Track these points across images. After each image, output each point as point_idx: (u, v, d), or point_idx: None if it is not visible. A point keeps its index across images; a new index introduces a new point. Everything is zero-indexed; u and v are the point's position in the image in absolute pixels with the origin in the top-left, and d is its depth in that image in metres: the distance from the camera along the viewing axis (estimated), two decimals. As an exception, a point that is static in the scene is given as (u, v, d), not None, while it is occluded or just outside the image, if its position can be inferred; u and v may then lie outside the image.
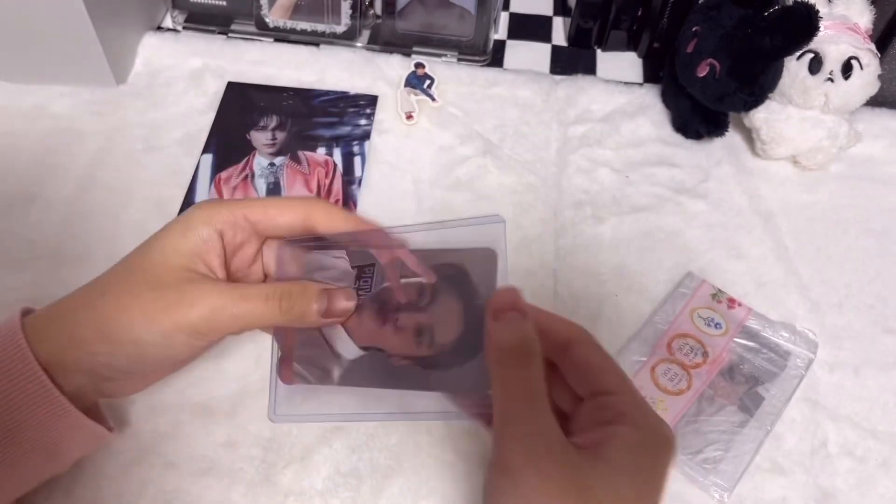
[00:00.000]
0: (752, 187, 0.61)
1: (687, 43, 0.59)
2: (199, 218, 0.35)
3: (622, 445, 0.28)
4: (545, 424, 0.28)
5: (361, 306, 0.34)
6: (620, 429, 0.28)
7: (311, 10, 0.67)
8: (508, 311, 0.31)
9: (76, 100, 0.63)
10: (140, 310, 0.33)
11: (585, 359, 0.31)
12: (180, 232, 0.35)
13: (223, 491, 0.44)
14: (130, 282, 0.34)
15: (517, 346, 0.30)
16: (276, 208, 0.36)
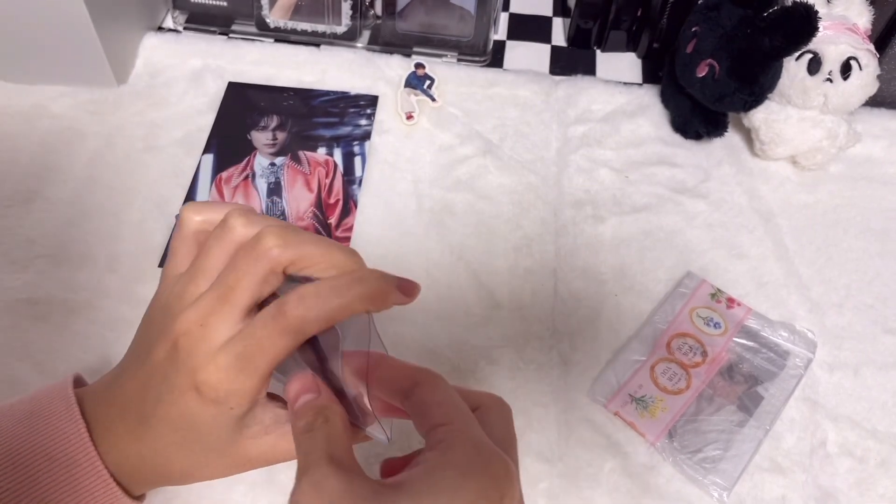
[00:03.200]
0: (752, 187, 0.61)
1: (686, 43, 0.59)
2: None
3: (423, 470, 0.26)
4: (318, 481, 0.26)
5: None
6: (427, 454, 0.27)
7: (311, 11, 0.68)
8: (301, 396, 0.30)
9: (76, 100, 0.63)
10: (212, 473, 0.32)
11: (424, 399, 0.30)
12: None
13: (223, 491, 0.44)
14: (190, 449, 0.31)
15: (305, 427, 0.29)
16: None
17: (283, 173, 0.59)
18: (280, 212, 0.57)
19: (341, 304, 0.29)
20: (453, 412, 0.29)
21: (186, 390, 0.29)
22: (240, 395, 0.29)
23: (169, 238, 0.55)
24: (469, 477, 0.25)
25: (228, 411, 0.30)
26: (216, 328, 0.29)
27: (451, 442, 0.27)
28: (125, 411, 0.32)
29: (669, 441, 0.47)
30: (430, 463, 0.26)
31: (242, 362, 0.29)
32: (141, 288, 0.53)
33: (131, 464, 0.32)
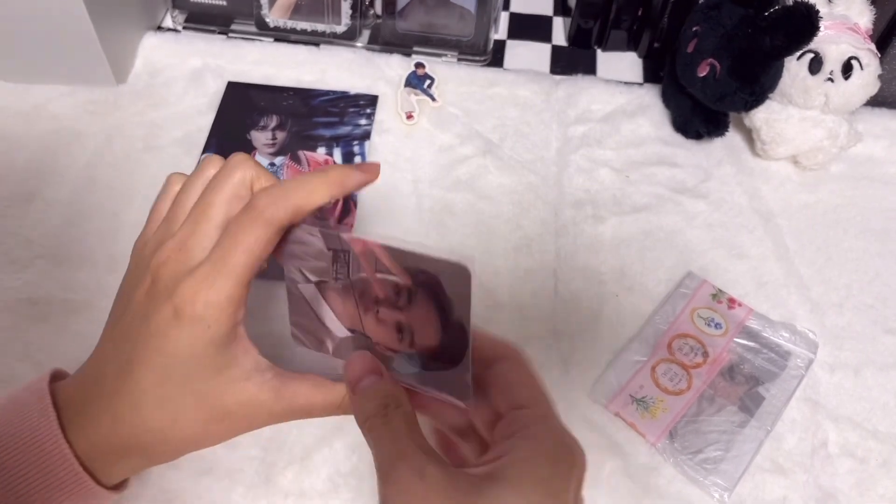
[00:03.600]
0: (753, 187, 0.61)
1: (687, 43, 0.59)
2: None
3: (517, 459, 0.27)
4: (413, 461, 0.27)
5: (344, 290, 0.33)
6: (518, 442, 0.27)
7: (311, 10, 0.67)
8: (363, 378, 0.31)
9: (76, 100, 0.63)
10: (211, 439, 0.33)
11: (506, 375, 0.31)
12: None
13: (223, 491, 0.44)
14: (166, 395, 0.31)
15: (376, 411, 0.30)
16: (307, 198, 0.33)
17: (283, 173, 0.59)
18: (280, 212, 0.57)
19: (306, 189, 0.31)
20: (538, 395, 0.29)
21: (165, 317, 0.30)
22: (216, 306, 0.29)
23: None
24: (559, 465, 0.27)
25: (206, 331, 0.30)
26: (193, 247, 0.30)
27: (537, 430, 0.28)
28: (100, 381, 0.32)
29: (670, 442, 0.47)
30: (521, 452, 0.27)
31: (218, 265, 0.29)
32: (140, 288, 0.52)
33: (106, 444, 0.31)
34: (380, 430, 0.29)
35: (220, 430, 0.33)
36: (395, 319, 0.33)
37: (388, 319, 0.33)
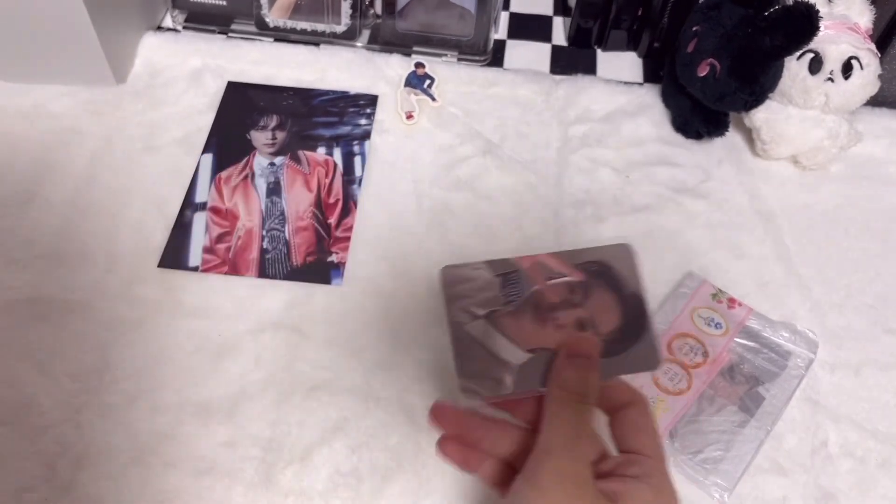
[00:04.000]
0: (753, 187, 0.61)
1: (687, 42, 0.59)
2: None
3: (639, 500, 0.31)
4: (581, 466, 0.31)
5: (517, 312, 0.35)
6: (641, 485, 0.31)
7: (311, 10, 0.67)
8: (582, 356, 0.33)
9: (76, 99, 0.63)
10: None
11: (634, 420, 0.34)
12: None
13: (223, 491, 0.44)
14: None
15: (578, 389, 0.33)
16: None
17: (283, 173, 0.59)
18: (279, 211, 0.57)
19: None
20: (653, 445, 0.33)
21: None
22: None
23: (168, 237, 0.55)
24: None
25: None
26: None
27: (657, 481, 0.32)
28: None
29: (670, 442, 0.47)
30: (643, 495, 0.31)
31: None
32: (140, 288, 0.52)
33: None
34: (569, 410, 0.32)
35: None
36: (575, 317, 0.35)
37: (569, 320, 0.35)
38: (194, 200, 0.57)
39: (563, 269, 0.35)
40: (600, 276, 0.35)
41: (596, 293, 0.35)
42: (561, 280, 0.35)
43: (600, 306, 0.35)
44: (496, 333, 0.35)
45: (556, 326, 0.35)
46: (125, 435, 0.46)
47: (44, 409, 0.47)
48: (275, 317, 0.52)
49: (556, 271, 0.35)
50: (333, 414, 0.47)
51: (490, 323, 0.35)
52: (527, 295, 0.35)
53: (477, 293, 0.35)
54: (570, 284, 0.35)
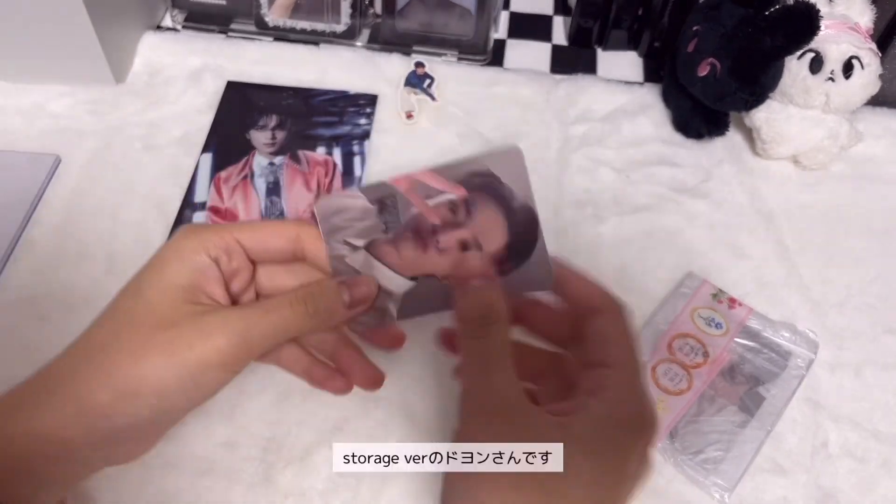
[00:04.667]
0: (753, 187, 0.61)
1: (687, 42, 0.59)
2: (191, 247, 0.32)
3: (587, 417, 0.28)
4: (500, 387, 0.28)
5: (396, 239, 0.33)
6: (591, 401, 0.28)
7: (310, 10, 0.67)
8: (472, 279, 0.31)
9: (75, 99, 0.63)
10: (160, 355, 0.30)
11: (603, 329, 0.31)
12: (175, 265, 0.32)
13: (223, 491, 0.44)
14: (135, 327, 0.30)
15: (478, 315, 0.30)
16: (265, 231, 0.34)
17: (282, 173, 0.59)
18: (279, 211, 0.57)
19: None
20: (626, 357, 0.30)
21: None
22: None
23: (167, 237, 0.55)
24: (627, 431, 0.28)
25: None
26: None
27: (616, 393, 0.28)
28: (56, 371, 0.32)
29: (670, 442, 0.47)
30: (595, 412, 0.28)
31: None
32: (140, 288, 0.52)
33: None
34: (476, 343, 0.30)
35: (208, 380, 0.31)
36: (458, 239, 0.33)
37: (451, 243, 0.33)
38: (194, 200, 0.57)
39: (443, 187, 0.32)
40: (484, 188, 0.32)
41: (480, 209, 0.32)
42: (441, 199, 0.32)
43: (485, 223, 0.32)
44: (376, 263, 0.33)
45: (438, 250, 0.33)
46: (125, 435, 0.46)
47: (43, 410, 0.47)
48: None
49: (435, 189, 0.32)
50: (333, 414, 0.47)
51: (370, 252, 0.33)
52: (406, 220, 0.33)
53: (354, 223, 0.33)
54: (450, 203, 0.32)
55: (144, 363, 0.30)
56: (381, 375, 0.37)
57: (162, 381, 0.30)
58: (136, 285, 0.32)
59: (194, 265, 0.32)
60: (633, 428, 0.28)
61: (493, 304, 0.31)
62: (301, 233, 0.34)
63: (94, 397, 0.30)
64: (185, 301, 0.31)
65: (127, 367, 0.30)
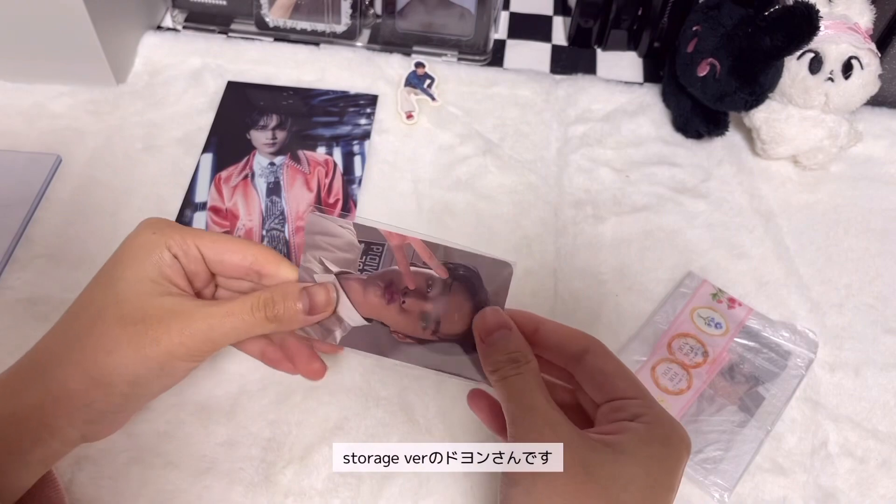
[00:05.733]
0: (753, 187, 0.61)
1: (687, 42, 0.59)
2: (155, 241, 0.34)
3: (635, 438, 0.30)
4: (547, 414, 0.30)
5: (368, 282, 0.35)
6: (634, 425, 0.30)
7: (311, 10, 0.67)
8: (494, 332, 0.33)
9: (76, 99, 0.63)
10: (130, 348, 0.32)
11: (600, 367, 0.33)
12: (142, 259, 0.34)
13: (223, 491, 0.44)
14: (106, 321, 0.33)
15: (508, 358, 0.32)
16: (225, 245, 0.36)
17: (283, 173, 0.59)
18: (279, 211, 0.57)
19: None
20: (632, 386, 0.32)
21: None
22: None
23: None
24: (672, 447, 0.30)
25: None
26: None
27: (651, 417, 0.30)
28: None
29: (670, 441, 0.47)
30: (639, 433, 0.30)
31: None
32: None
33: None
34: (512, 380, 0.32)
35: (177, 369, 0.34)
36: (421, 309, 0.35)
37: (414, 309, 0.35)
38: (194, 200, 0.57)
39: (429, 262, 0.34)
40: (464, 280, 0.34)
41: (453, 296, 0.34)
42: (423, 270, 0.34)
43: (451, 309, 0.35)
44: (341, 292, 0.35)
45: (400, 309, 0.35)
46: (125, 435, 0.46)
47: (44, 409, 0.47)
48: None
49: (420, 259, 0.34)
50: (333, 414, 0.47)
51: (339, 281, 0.35)
52: (383, 270, 0.35)
53: (336, 250, 0.35)
54: (430, 277, 0.34)
55: (116, 355, 0.32)
56: (323, 368, 0.40)
57: (133, 372, 0.33)
58: (108, 279, 0.34)
59: (160, 260, 0.34)
60: (675, 444, 0.30)
61: (518, 346, 0.33)
62: (259, 256, 0.36)
63: (71, 386, 0.33)
64: (152, 294, 0.33)
65: (101, 359, 0.32)
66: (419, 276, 0.34)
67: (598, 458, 0.29)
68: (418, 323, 0.35)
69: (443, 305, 0.34)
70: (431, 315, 0.35)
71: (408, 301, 0.35)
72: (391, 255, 0.35)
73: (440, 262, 0.34)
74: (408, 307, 0.35)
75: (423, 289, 0.35)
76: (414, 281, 0.35)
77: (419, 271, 0.34)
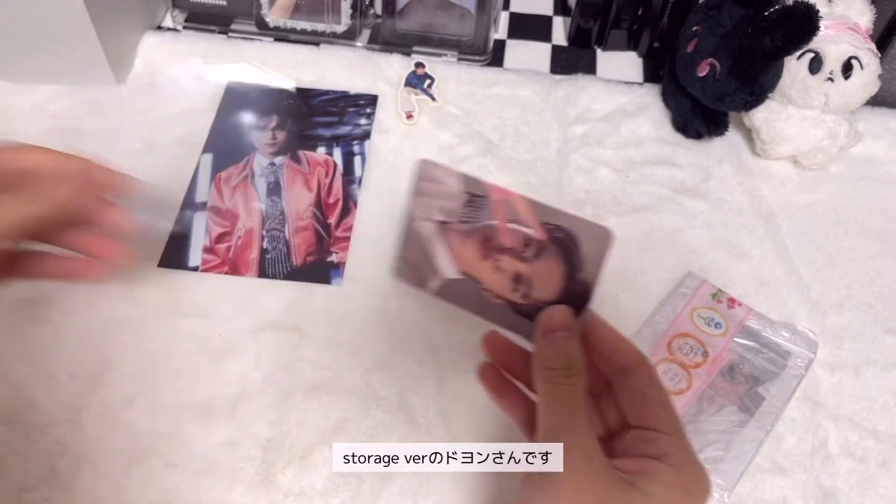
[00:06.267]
0: (753, 187, 0.61)
1: (687, 42, 0.59)
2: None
3: (660, 482, 0.29)
4: (585, 441, 0.30)
5: (467, 234, 0.34)
6: (661, 466, 0.30)
7: (311, 10, 0.67)
8: (557, 330, 0.33)
9: (76, 99, 0.63)
10: None
11: (643, 389, 0.32)
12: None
13: (223, 491, 0.44)
14: None
15: (562, 365, 0.32)
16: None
17: (283, 173, 0.59)
18: (279, 211, 0.57)
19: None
20: (671, 421, 0.31)
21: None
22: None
23: (167, 238, 0.55)
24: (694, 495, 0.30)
25: None
26: None
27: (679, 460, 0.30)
28: None
29: (670, 441, 0.47)
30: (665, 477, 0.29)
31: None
32: (140, 288, 0.52)
33: None
34: (560, 390, 0.31)
35: None
36: (516, 269, 0.34)
37: (509, 268, 0.34)
38: (194, 200, 0.57)
39: (529, 220, 0.33)
40: (561, 243, 0.33)
41: (548, 258, 0.33)
42: (521, 228, 0.33)
43: (545, 273, 0.33)
44: (439, 243, 0.35)
45: (494, 267, 0.34)
46: (125, 435, 0.46)
47: (44, 409, 0.47)
48: (275, 317, 0.52)
49: (521, 218, 0.33)
50: (333, 414, 0.47)
51: (440, 230, 0.35)
52: (482, 224, 0.34)
53: (441, 198, 0.35)
54: (527, 237, 0.33)
55: None
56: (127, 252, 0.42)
57: None
58: None
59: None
60: (699, 494, 0.30)
61: (576, 356, 0.32)
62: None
63: None
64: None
65: None
66: (517, 234, 0.33)
67: (620, 498, 0.29)
68: (510, 284, 0.34)
69: (537, 268, 0.33)
70: (524, 276, 0.34)
71: (503, 259, 0.34)
72: (492, 210, 0.34)
73: (539, 222, 0.33)
74: (502, 265, 0.34)
75: (520, 248, 0.33)
76: (511, 238, 0.33)
77: (517, 229, 0.33)
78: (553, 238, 0.33)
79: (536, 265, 0.33)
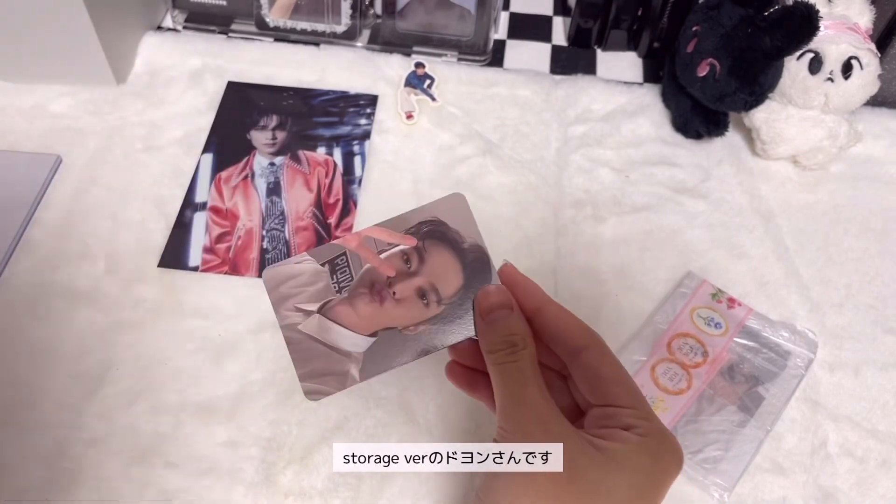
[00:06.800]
0: (753, 187, 0.61)
1: (687, 42, 0.59)
2: None
3: (627, 447, 0.29)
4: (539, 410, 0.29)
5: (353, 297, 0.33)
6: (627, 434, 0.29)
7: (311, 10, 0.67)
8: (495, 309, 0.32)
9: (76, 99, 0.63)
10: None
11: (595, 369, 0.32)
12: None
13: (223, 491, 0.44)
14: None
15: (503, 344, 0.31)
16: None
17: (283, 173, 0.59)
18: (279, 211, 0.57)
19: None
20: (629, 395, 0.31)
21: None
22: None
23: (168, 237, 0.55)
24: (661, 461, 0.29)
25: None
26: None
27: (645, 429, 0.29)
28: None
29: (670, 441, 0.47)
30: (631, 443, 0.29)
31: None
32: (140, 288, 0.52)
33: None
34: (507, 367, 0.31)
35: None
36: (414, 287, 0.33)
37: (408, 292, 0.33)
38: (194, 200, 0.57)
39: (393, 240, 0.33)
40: (432, 234, 0.33)
41: (431, 255, 0.33)
42: (393, 251, 0.33)
43: (438, 268, 0.33)
44: (332, 325, 0.33)
45: (395, 302, 0.33)
46: (125, 435, 0.46)
47: (44, 409, 0.47)
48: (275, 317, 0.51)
49: (385, 243, 0.33)
50: (333, 414, 0.47)
51: (325, 316, 0.33)
52: (359, 276, 0.33)
53: (305, 288, 0.33)
54: (403, 253, 0.33)
55: None
56: None
57: None
58: None
59: None
60: (665, 459, 0.29)
61: (518, 331, 0.32)
62: None
63: None
64: None
65: None
66: (392, 258, 0.33)
67: (586, 462, 0.28)
68: (419, 303, 0.33)
69: (429, 270, 0.33)
70: (425, 286, 0.33)
71: (397, 287, 0.33)
72: (357, 258, 0.33)
73: (402, 234, 0.33)
74: (400, 294, 0.33)
75: (404, 268, 0.33)
76: (391, 265, 0.33)
77: (390, 253, 0.33)
78: (422, 235, 0.33)
79: (427, 268, 0.33)
